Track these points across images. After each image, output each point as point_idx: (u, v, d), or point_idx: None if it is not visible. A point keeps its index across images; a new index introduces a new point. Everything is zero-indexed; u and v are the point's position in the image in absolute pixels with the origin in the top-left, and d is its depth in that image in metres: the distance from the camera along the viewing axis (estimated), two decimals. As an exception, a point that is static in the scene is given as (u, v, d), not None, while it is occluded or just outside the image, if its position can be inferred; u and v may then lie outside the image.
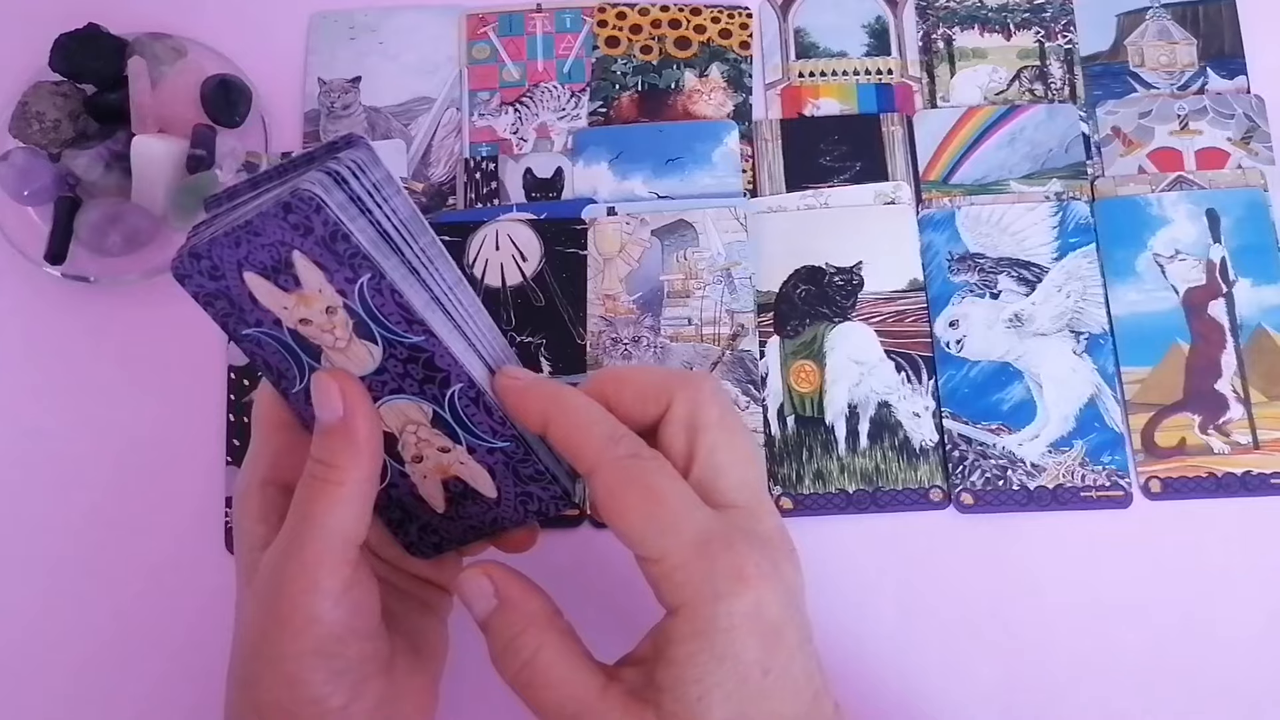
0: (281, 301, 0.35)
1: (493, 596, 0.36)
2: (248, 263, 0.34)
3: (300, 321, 0.35)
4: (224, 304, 0.35)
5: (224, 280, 0.34)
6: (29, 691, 0.50)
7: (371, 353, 0.35)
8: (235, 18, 0.60)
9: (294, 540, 0.34)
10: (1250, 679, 0.48)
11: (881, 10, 0.59)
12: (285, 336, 0.35)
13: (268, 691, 0.34)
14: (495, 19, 0.60)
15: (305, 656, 0.34)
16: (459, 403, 0.36)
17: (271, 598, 0.34)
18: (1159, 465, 0.51)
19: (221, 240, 0.34)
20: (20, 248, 0.54)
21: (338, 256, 0.33)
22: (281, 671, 0.34)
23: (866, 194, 0.55)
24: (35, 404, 0.54)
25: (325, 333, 0.35)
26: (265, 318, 0.35)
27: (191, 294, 0.35)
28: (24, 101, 0.54)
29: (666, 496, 0.33)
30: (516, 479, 0.38)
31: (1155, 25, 0.58)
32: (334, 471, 0.35)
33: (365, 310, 0.34)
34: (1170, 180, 0.55)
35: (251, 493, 0.37)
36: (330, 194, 0.33)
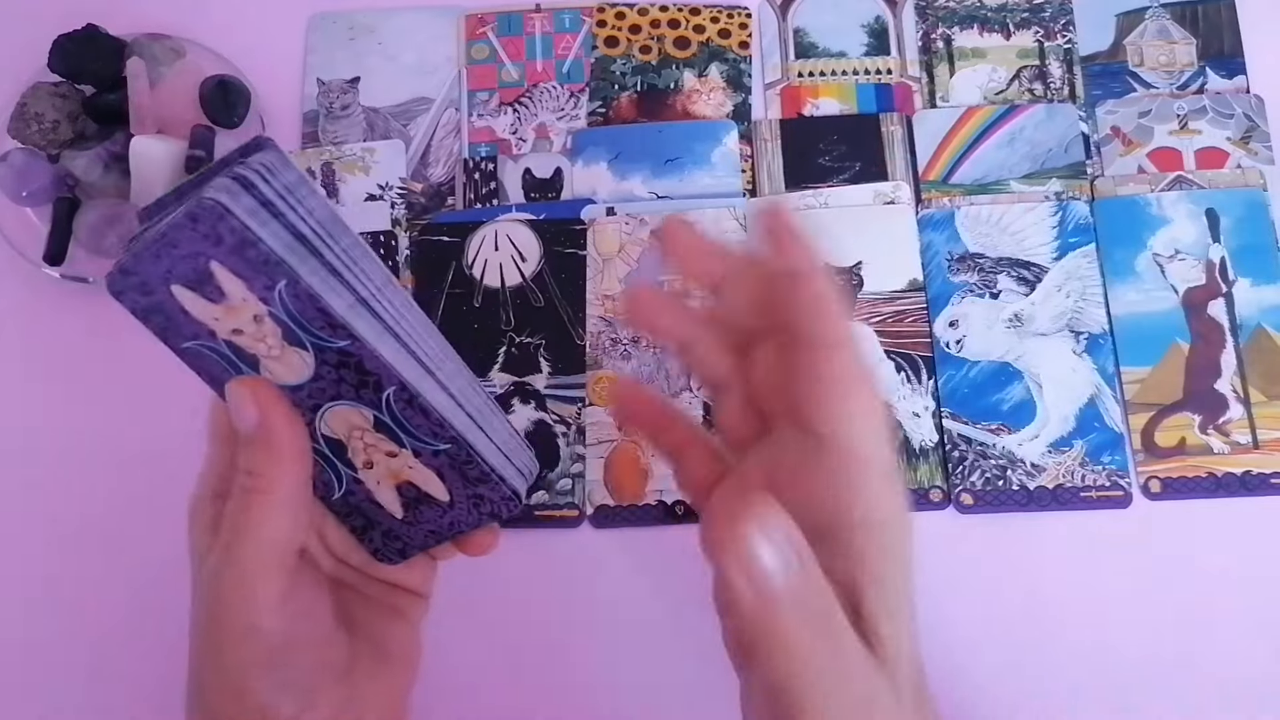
0: (211, 313, 0.34)
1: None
2: (173, 276, 0.34)
3: (233, 332, 0.35)
4: (160, 318, 0.35)
5: (155, 295, 0.34)
6: (28, 690, 0.50)
7: (305, 359, 0.35)
8: (234, 19, 0.60)
9: (228, 551, 0.34)
10: (1250, 678, 0.48)
11: (881, 10, 0.59)
12: (222, 348, 0.35)
13: (217, 701, 0.34)
14: (494, 19, 0.60)
15: (248, 667, 0.34)
16: (395, 405, 0.36)
17: (212, 608, 0.34)
18: (1159, 465, 0.51)
19: (144, 255, 0.34)
20: (19, 248, 0.54)
21: (251, 264, 0.33)
22: (226, 682, 0.34)
23: (866, 194, 0.55)
24: (34, 404, 0.54)
25: (258, 342, 0.35)
26: (200, 330, 0.35)
27: (129, 310, 0.35)
28: (23, 102, 0.54)
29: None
30: (464, 481, 0.37)
31: (1154, 25, 0.58)
32: (260, 480, 0.34)
33: (289, 317, 0.34)
34: (1170, 180, 0.55)
35: (203, 504, 0.37)
36: (237, 200, 0.32)
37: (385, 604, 0.40)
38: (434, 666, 0.45)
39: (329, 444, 0.37)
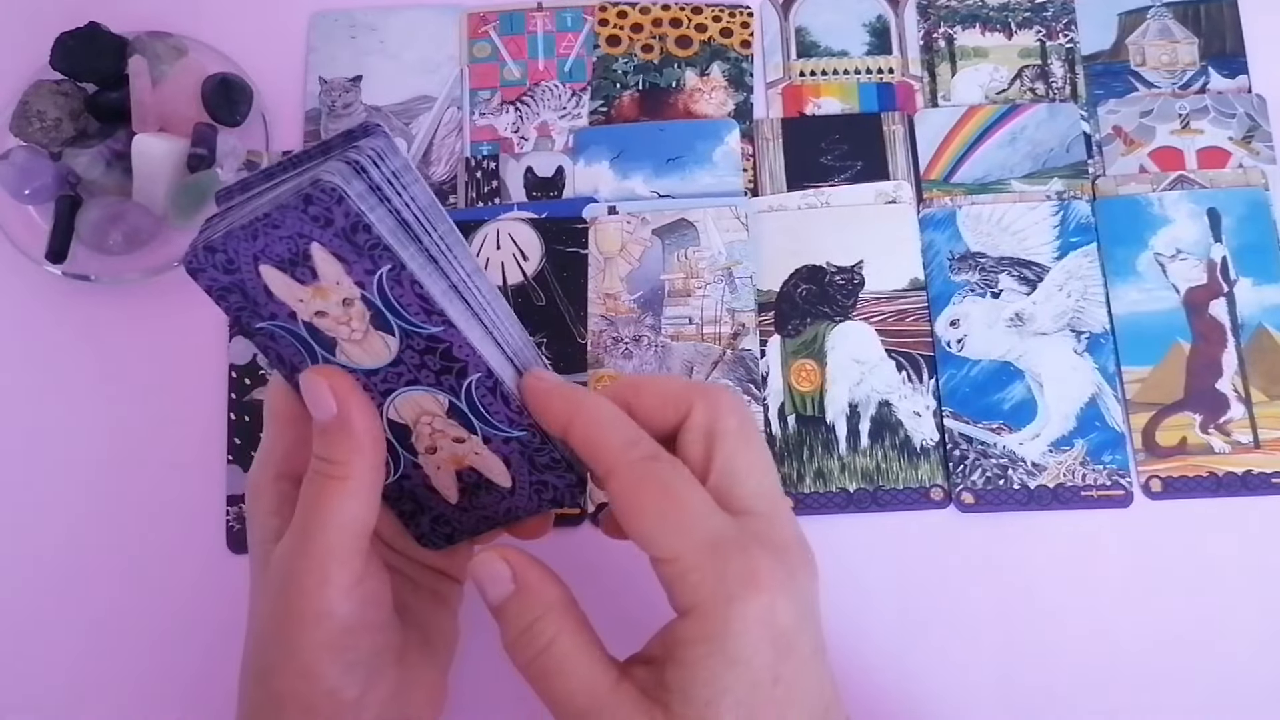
0: (297, 294, 0.34)
1: (510, 581, 0.35)
2: (264, 256, 0.34)
3: (316, 314, 0.35)
4: (238, 298, 0.35)
5: (239, 274, 0.34)
6: (28, 689, 0.50)
7: (388, 344, 0.35)
8: (236, 17, 0.60)
9: (303, 535, 0.35)
10: (1251, 678, 0.48)
11: (882, 9, 0.59)
12: (300, 329, 0.35)
13: (284, 683, 0.35)
14: (496, 18, 0.60)
15: (319, 649, 0.34)
16: (476, 393, 0.36)
17: (284, 592, 0.35)
18: (1160, 465, 0.51)
19: (238, 233, 0.33)
20: (21, 247, 0.54)
21: (357, 248, 0.33)
22: (297, 664, 0.34)
23: (867, 193, 0.55)
24: (36, 402, 0.54)
25: (341, 325, 0.35)
26: (280, 311, 0.35)
27: (204, 288, 0.35)
28: (25, 100, 0.54)
29: (682, 497, 0.33)
30: (532, 468, 0.38)
31: (1156, 24, 0.58)
32: (338, 468, 0.35)
33: (383, 301, 0.34)
34: (1171, 179, 0.55)
35: (264, 487, 0.37)
36: (350, 184, 0.32)
37: (429, 589, 0.41)
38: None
39: (393, 428, 0.37)
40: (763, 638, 0.32)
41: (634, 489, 0.33)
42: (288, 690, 0.35)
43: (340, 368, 0.36)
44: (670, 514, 0.33)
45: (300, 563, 0.34)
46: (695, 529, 0.33)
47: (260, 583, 0.37)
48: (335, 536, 0.35)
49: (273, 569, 0.35)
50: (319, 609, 0.34)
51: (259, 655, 0.36)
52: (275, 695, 0.35)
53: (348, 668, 0.35)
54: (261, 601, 0.36)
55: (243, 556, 0.51)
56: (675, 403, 0.36)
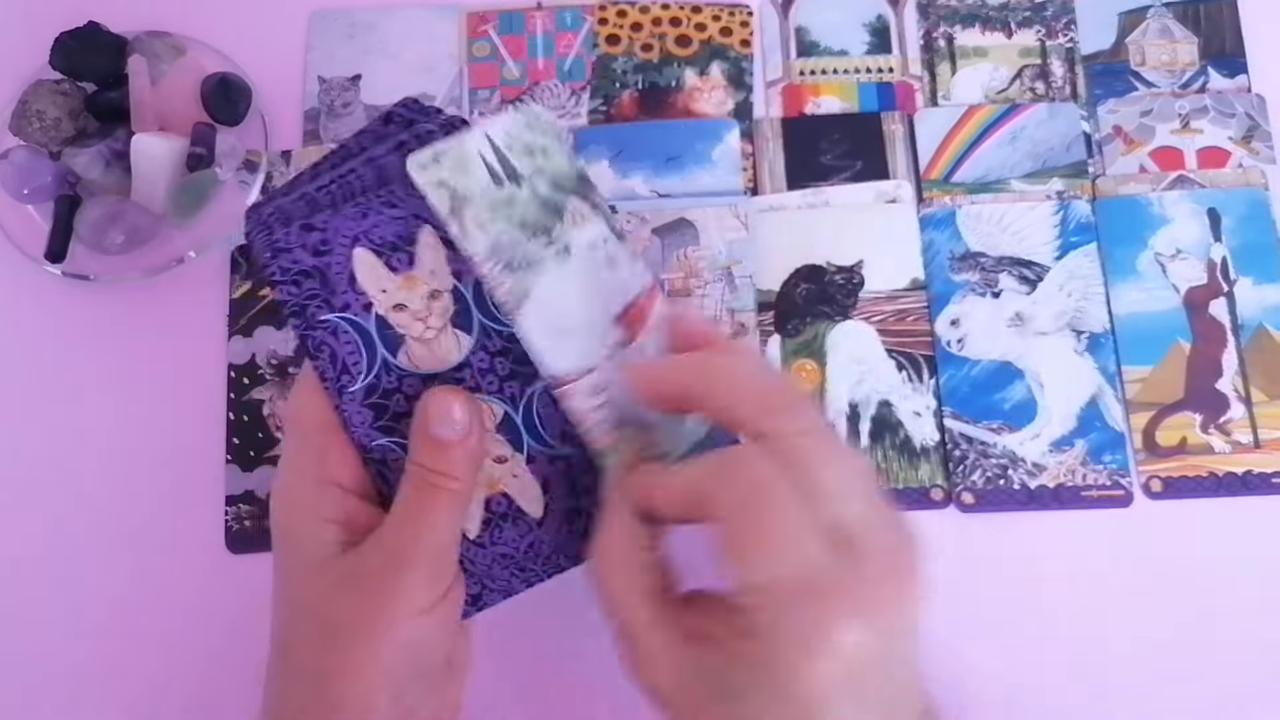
0: (383, 283, 0.34)
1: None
2: (365, 238, 0.33)
3: (394, 307, 0.34)
4: (313, 284, 0.34)
5: (329, 256, 0.34)
6: (27, 688, 0.50)
7: (460, 344, 0.35)
8: (235, 16, 0.60)
9: (411, 533, 0.35)
10: (1251, 678, 0.48)
11: (882, 8, 0.59)
12: (369, 324, 0.35)
13: (354, 686, 0.34)
14: (495, 17, 0.60)
15: (403, 653, 0.34)
16: (537, 402, 0.36)
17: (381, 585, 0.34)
18: (1160, 465, 0.51)
19: (348, 211, 0.33)
20: (20, 246, 0.54)
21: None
22: (378, 660, 0.34)
23: (867, 193, 0.55)
24: (35, 402, 0.54)
25: (417, 321, 0.35)
26: (354, 301, 0.34)
27: (279, 269, 0.34)
28: (24, 100, 0.54)
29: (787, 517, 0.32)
30: (571, 491, 0.37)
31: (1156, 24, 0.58)
32: (445, 479, 0.35)
33: (475, 294, 0.34)
34: (1171, 179, 0.55)
35: (308, 492, 0.36)
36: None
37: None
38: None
39: None
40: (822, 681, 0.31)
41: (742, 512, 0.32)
42: (355, 691, 0.34)
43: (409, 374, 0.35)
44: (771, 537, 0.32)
45: (399, 566, 0.34)
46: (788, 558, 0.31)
47: (316, 584, 0.35)
48: (444, 537, 0.35)
49: (357, 569, 0.35)
50: (418, 605, 0.34)
51: (320, 656, 0.35)
52: (335, 697, 0.34)
53: (420, 673, 0.35)
54: (328, 603, 0.35)
55: (242, 556, 0.51)
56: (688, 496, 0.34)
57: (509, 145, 0.35)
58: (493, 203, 0.34)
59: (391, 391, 0.36)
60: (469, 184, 0.34)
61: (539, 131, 0.35)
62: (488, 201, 0.34)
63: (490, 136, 0.34)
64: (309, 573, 0.36)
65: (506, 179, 0.35)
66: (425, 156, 0.34)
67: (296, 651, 0.36)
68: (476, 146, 0.34)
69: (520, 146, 0.35)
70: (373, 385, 0.36)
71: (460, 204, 0.34)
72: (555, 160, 0.35)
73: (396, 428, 0.36)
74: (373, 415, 0.36)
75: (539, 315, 0.35)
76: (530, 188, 0.35)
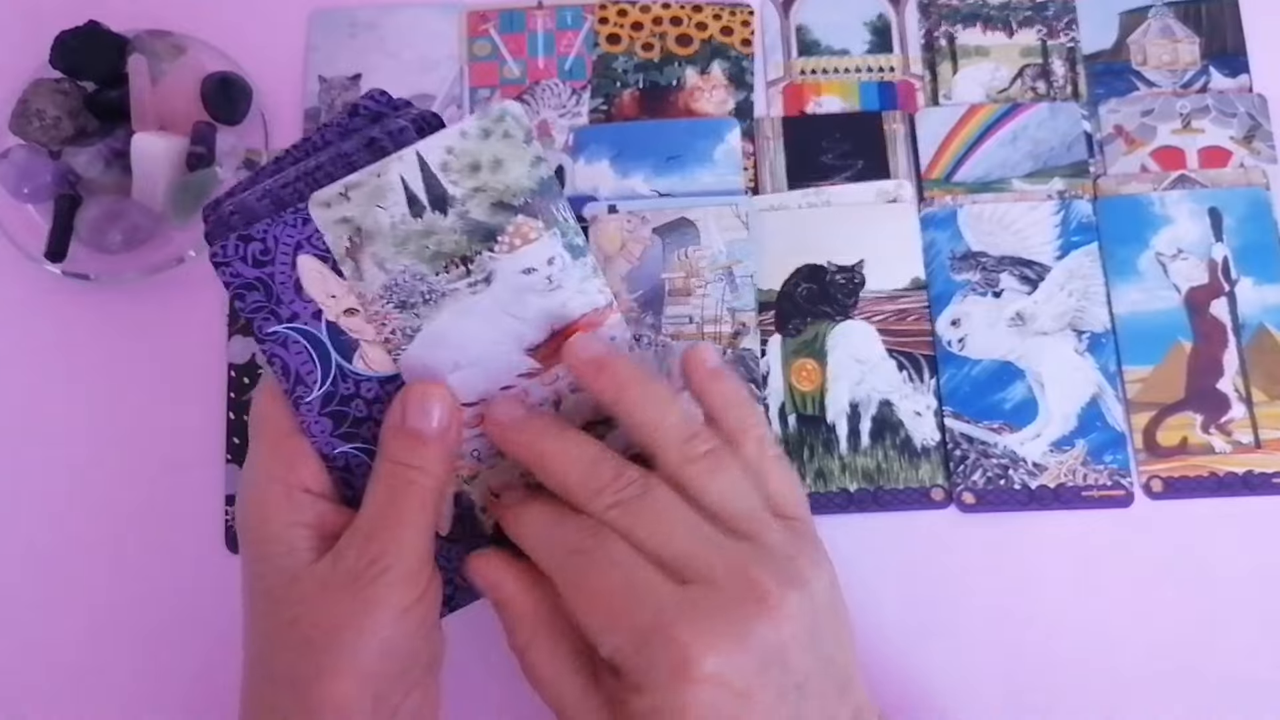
0: (331, 289, 0.34)
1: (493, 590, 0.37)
2: (308, 244, 0.33)
3: (345, 312, 0.34)
4: (258, 295, 0.34)
5: (270, 265, 0.33)
6: (26, 688, 0.50)
7: None
8: (235, 15, 0.60)
9: (388, 534, 0.35)
10: (1253, 678, 0.48)
11: (883, 8, 0.59)
12: (320, 332, 0.34)
13: (332, 689, 0.34)
14: (496, 16, 0.59)
15: (383, 653, 0.34)
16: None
17: (359, 589, 0.34)
18: (1160, 465, 0.51)
19: (286, 218, 0.33)
20: (20, 245, 0.54)
21: None
22: (357, 663, 0.34)
23: (868, 192, 0.55)
24: (35, 402, 0.54)
25: (370, 323, 0.34)
26: (303, 310, 0.34)
27: (225, 282, 0.34)
28: (24, 99, 0.54)
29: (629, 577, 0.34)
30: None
31: (1158, 23, 0.58)
32: (422, 474, 0.35)
33: None
34: (1173, 179, 0.55)
35: (275, 499, 0.36)
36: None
37: None
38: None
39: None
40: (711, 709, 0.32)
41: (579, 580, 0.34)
42: (335, 695, 0.34)
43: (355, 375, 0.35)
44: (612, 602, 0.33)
45: (377, 569, 0.34)
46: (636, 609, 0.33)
47: (290, 592, 0.35)
48: (420, 537, 0.35)
49: (333, 574, 0.35)
50: (397, 606, 0.34)
51: (297, 663, 0.35)
52: (314, 702, 0.34)
53: (400, 673, 0.35)
54: (302, 608, 0.35)
55: (242, 556, 0.51)
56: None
57: (445, 165, 0.34)
58: (402, 236, 0.34)
59: (350, 397, 0.36)
60: (377, 218, 0.33)
61: (497, 138, 0.34)
62: (396, 236, 0.34)
63: (423, 157, 0.33)
64: (284, 580, 0.36)
65: (430, 206, 0.34)
66: (331, 193, 0.33)
67: (274, 659, 0.36)
68: (400, 172, 0.33)
69: (463, 164, 0.34)
70: (330, 393, 0.35)
71: (361, 241, 0.33)
72: (509, 174, 0.34)
73: (358, 433, 0.36)
74: (332, 424, 0.36)
75: (425, 349, 0.35)
76: (459, 212, 0.34)
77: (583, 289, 0.36)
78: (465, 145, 0.34)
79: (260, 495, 0.36)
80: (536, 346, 0.36)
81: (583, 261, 0.36)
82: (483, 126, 0.34)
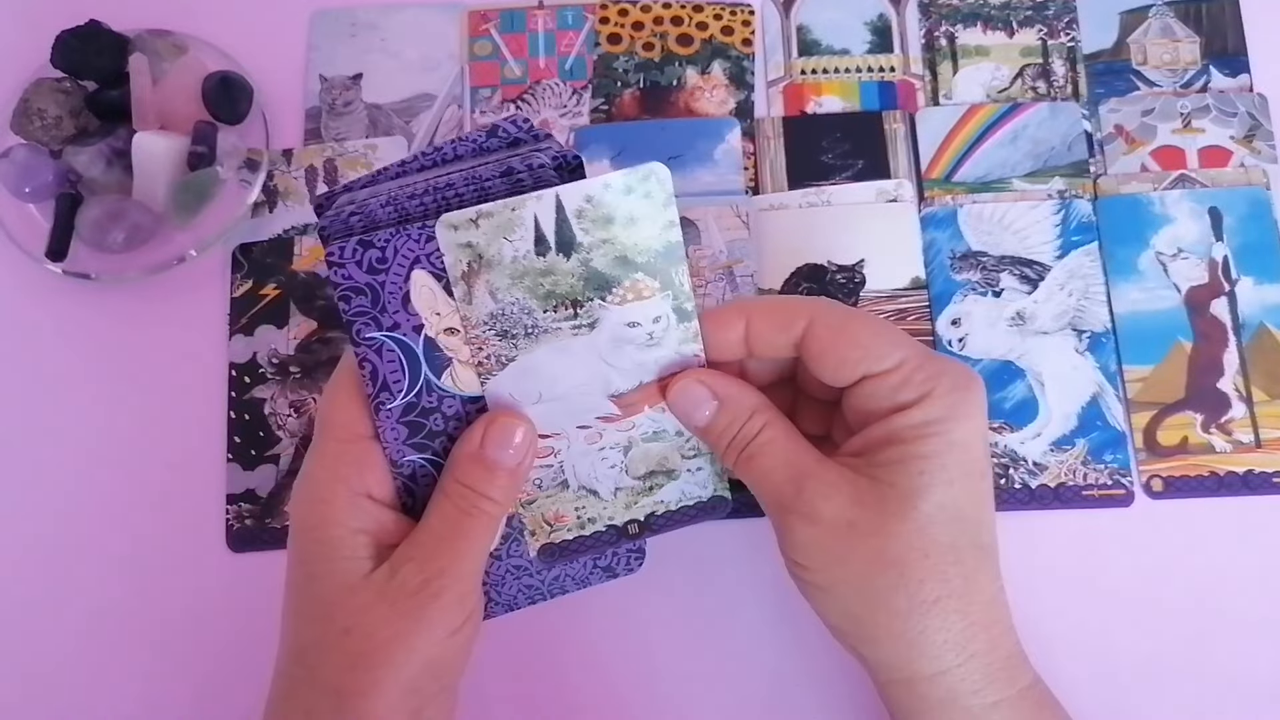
0: (438, 307, 0.34)
1: (711, 399, 0.37)
2: (427, 260, 0.33)
3: (446, 330, 0.34)
4: (364, 301, 0.34)
5: (383, 274, 0.33)
6: (26, 687, 0.50)
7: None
8: (236, 15, 0.60)
9: (449, 555, 0.35)
10: (1253, 678, 0.48)
11: (884, 7, 0.59)
12: (416, 345, 0.35)
13: (380, 699, 0.34)
14: (497, 16, 0.60)
15: (431, 666, 0.35)
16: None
17: (416, 607, 0.34)
18: (1161, 464, 0.51)
19: (413, 235, 0.33)
20: (21, 244, 0.54)
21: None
22: (404, 679, 0.34)
23: (869, 192, 0.55)
24: (35, 400, 0.54)
25: (466, 345, 0.35)
26: (405, 322, 0.34)
27: (334, 282, 0.34)
28: (25, 98, 0.54)
29: (886, 324, 0.38)
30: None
31: (1158, 23, 0.58)
32: (490, 503, 0.35)
33: None
34: (1173, 178, 0.55)
35: (340, 501, 0.36)
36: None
37: None
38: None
39: None
40: (979, 432, 0.36)
41: (841, 320, 0.37)
42: (378, 711, 0.34)
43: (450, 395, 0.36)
44: (883, 332, 0.37)
45: (442, 584, 0.35)
46: (909, 342, 0.37)
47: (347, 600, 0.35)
48: (475, 562, 0.36)
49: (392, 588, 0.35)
50: (448, 627, 0.35)
51: (343, 672, 0.35)
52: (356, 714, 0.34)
53: (440, 690, 0.36)
54: (358, 619, 0.35)
55: (243, 555, 0.51)
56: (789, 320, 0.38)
57: (581, 212, 0.34)
58: (521, 271, 0.34)
59: (430, 410, 0.36)
60: (501, 249, 0.34)
61: (638, 196, 0.34)
62: (515, 269, 0.34)
63: (561, 201, 0.34)
64: (339, 586, 0.35)
65: (555, 248, 0.34)
66: (463, 218, 0.33)
67: (321, 664, 0.35)
68: (536, 211, 0.34)
69: (598, 214, 0.34)
70: (411, 404, 0.36)
71: (479, 268, 0.34)
72: (640, 232, 0.34)
73: (430, 445, 0.37)
74: (407, 432, 0.36)
75: (515, 379, 0.35)
76: (582, 259, 0.34)
77: (680, 350, 0.37)
78: (605, 197, 0.34)
79: (324, 495, 0.36)
80: (621, 394, 0.37)
81: (686, 326, 0.37)
82: (627, 183, 0.34)
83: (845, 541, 0.35)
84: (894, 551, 0.35)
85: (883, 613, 0.35)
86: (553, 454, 0.37)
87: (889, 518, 0.35)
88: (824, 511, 0.35)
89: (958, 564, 0.35)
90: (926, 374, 0.36)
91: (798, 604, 0.39)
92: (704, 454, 0.39)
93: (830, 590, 0.36)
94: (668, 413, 0.38)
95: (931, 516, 0.35)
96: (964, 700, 0.36)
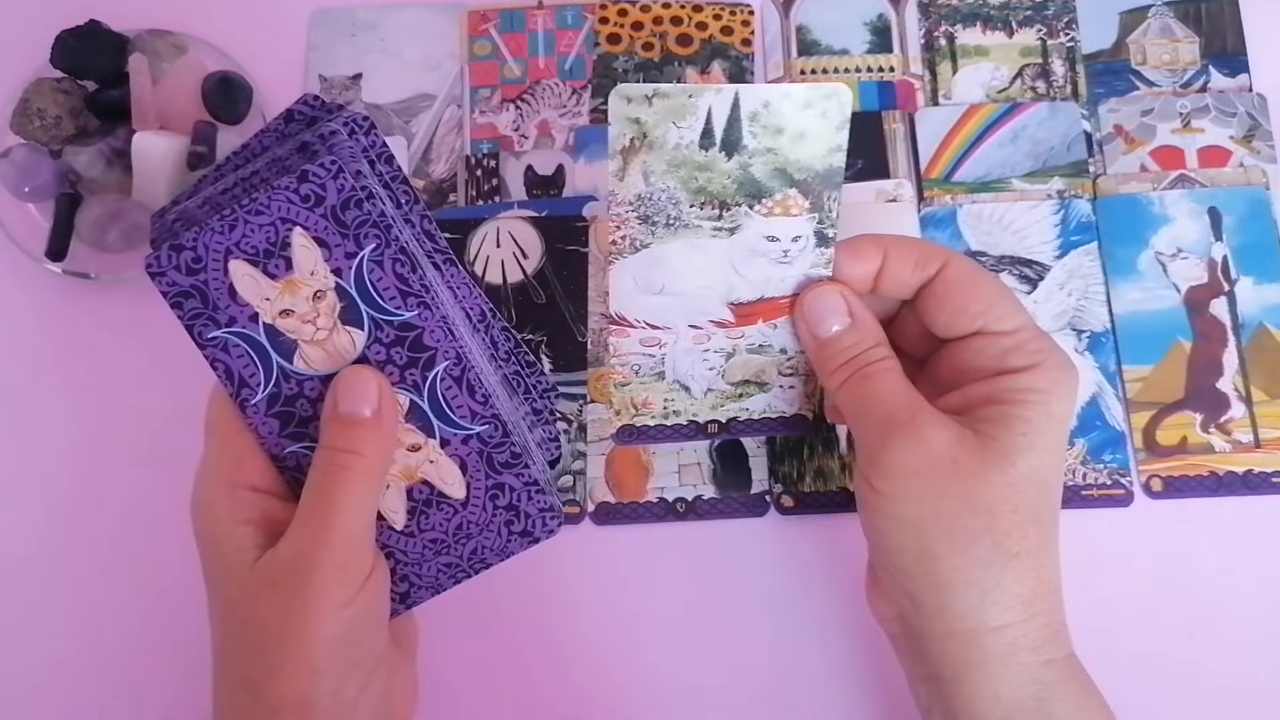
0: (265, 292, 0.34)
1: (847, 315, 0.38)
2: (238, 249, 0.33)
3: (280, 314, 0.34)
4: (195, 302, 0.34)
5: (203, 273, 0.34)
6: (25, 688, 0.50)
7: (354, 340, 0.35)
8: (236, 14, 0.60)
9: (318, 524, 0.34)
10: (1253, 678, 0.48)
11: (883, 7, 0.59)
12: (259, 334, 0.35)
13: (286, 686, 0.34)
14: (496, 16, 0.60)
15: (329, 646, 0.34)
16: (440, 385, 0.36)
17: (296, 584, 0.34)
18: (1160, 464, 0.51)
19: (215, 226, 0.33)
20: (21, 244, 0.54)
21: (344, 228, 0.33)
22: (304, 664, 0.34)
23: (868, 192, 0.55)
24: (35, 401, 0.54)
25: (306, 324, 0.35)
26: (240, 314, 0.34)
27: (162, 292, 0.34)
28: (25, 98, 0.54)
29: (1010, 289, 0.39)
30: (490, 469, 0.37)
31: (1157, 23, 0.58)
32: (357, 458, 0.35)
33: (359, 289, 0.34)
34: (1172, 178, 0.55)
35: (220, 497, 0.36)
36: (356, 160, 0.32)
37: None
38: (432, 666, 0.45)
39: None
40: (1071, 412, 0.38)
41: (973, 274, 0.38)
42: (289, 693, 0.34)
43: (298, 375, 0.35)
44: (1007, 295, 0.39)
45: (316, 555, 0.34)
46: (1027, 312, 0.39)
47: (239, 592, 0.35)
48: (354, 525, 0.35)
49: (280, 564, 0.35)
50: (337, 599, 0.34)
51: (250, 664, 0.35)
52: (273, 703, 0.34)
53: (353, 665, 0.35)
54: (250, 608, 0.35)
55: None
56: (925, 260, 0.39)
57: (755, 115, 0.34)
58: (680, 160, 0.34)
59: (294, 397, 0.36)
60: (666, 133, 0.34)
61: (815, 114, 0.34)
62: (675, 157, 0.34)
63: (739, 100, 0.34)
64: (234, 580, 0.36)
65: (720, 145, 0.34)
66: (639, 91, 0.33)
67: (231, 662, 0.36)
68: (712, 103, 0.34)
69: (771, 122, 0.34)
70: (274, 395, 0.36)
71: (640, 146, 0.34)
72: (806, 149, 0.35)
73: (305, 433, 0.36)
74: (279, 424, 0.36)
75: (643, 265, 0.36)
76: (741, 162, 0.34)
77: (809, 274, 0.38)
78: (782, 106, 0.34)
79: (206, 494, 0.36)
80: (741, 303, 0.37)
81: (822, 251, 0.37)
82: (808, 98, 0.34)
83: (944, 475, 0.36)
84: (987, 499, 0.36)
85: (964, 557, 0.36)
86: (659, 345, 0.38)
87: (988, 467, 0.36)
88: (935, 439, 0.36)
89: (1038, 525, 0.37)
90: (1039, 345, 0.38)
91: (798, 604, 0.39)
92: (800, 374, 0.40)
93: (913, 525, 0.37)
94: (779, 329, 0.38)
95: (1026, 475, 0.36)
96: (1022, 655, 0.37)
